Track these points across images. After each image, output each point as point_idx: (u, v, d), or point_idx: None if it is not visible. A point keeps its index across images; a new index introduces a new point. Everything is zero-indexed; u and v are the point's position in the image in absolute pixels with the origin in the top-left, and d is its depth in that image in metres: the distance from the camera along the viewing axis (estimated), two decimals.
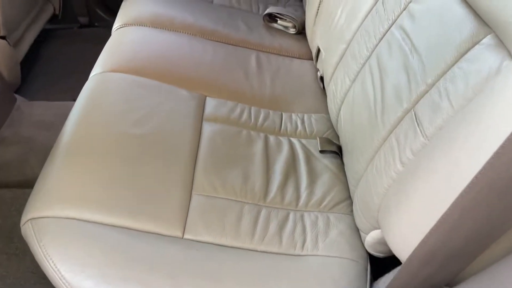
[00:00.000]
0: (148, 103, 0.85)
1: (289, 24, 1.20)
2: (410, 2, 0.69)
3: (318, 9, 1.04)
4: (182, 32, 1.09)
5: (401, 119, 0.63)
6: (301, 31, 1.19)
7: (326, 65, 0.94)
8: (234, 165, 0.78)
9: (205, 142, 0.81)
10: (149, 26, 1.08)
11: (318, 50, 1.00)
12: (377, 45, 0.74)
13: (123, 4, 1.24)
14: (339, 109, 0.84)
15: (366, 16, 0.80)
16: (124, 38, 1.04)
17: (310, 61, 1.12)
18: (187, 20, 1.12)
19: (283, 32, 1.20)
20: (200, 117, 0.87)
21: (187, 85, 0.93)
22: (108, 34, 1.12)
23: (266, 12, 1.20)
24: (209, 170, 0.76)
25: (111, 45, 1.02)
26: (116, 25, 1.12)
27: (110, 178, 0.71)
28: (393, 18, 0.72)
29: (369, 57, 0.76)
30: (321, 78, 1.00)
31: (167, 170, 0.74)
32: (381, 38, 0.73)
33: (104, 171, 0.72)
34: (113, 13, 1.94)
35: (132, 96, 0.86)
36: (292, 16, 1.19)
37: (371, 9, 0.79)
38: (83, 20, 1.83)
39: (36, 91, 1.41)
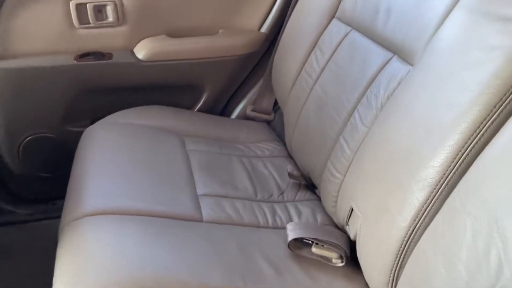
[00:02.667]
0: None
1: (331, 254, 0.80)
2: None
3: (402, 255, 0.66)
4: None
5: None
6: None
7: None
8: None
9: None
10: None
11: None
12: None
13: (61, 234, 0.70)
14: None
15: None
16: None
17: None
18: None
19: (323, 266, 0.79)
20: None
21: None
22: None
23: (291, 237, 0.80)
24: None
25: None
26: None
27: None
28: None
29: None
30: None
31: None
32: None
33: None
34: (21, 201, 1.41)
35: None
36: (335, 242, 0.80)
37: None
38: None
39: None
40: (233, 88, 1.36)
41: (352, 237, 0.82)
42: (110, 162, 0.93)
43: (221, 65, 1.28)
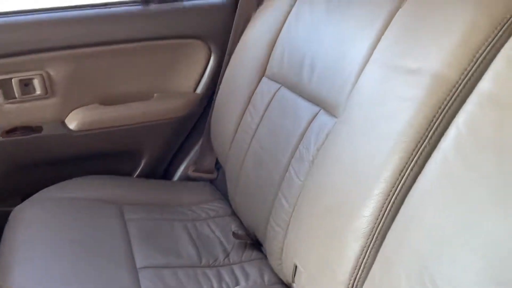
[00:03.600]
0: None
1: None
2: None
3: None
4: None
5: None
6: None
7: None
8: None
9: None
10: None
11: None
12: None
13: None
14: None
15: None
16: None
17: None
18: None
19: None
20: None
21: None
22: None
23: None
24: None
25: None
26: None
27: None
28: None
29: None
30: None
31: None
32: None
33: None
34: None
35: None
36: None
37: None
38: None
39: None
40: (172, 150, 1.34)
41: None
42: (39, 243, 0.87)
43: (158, 128, 1.27)
